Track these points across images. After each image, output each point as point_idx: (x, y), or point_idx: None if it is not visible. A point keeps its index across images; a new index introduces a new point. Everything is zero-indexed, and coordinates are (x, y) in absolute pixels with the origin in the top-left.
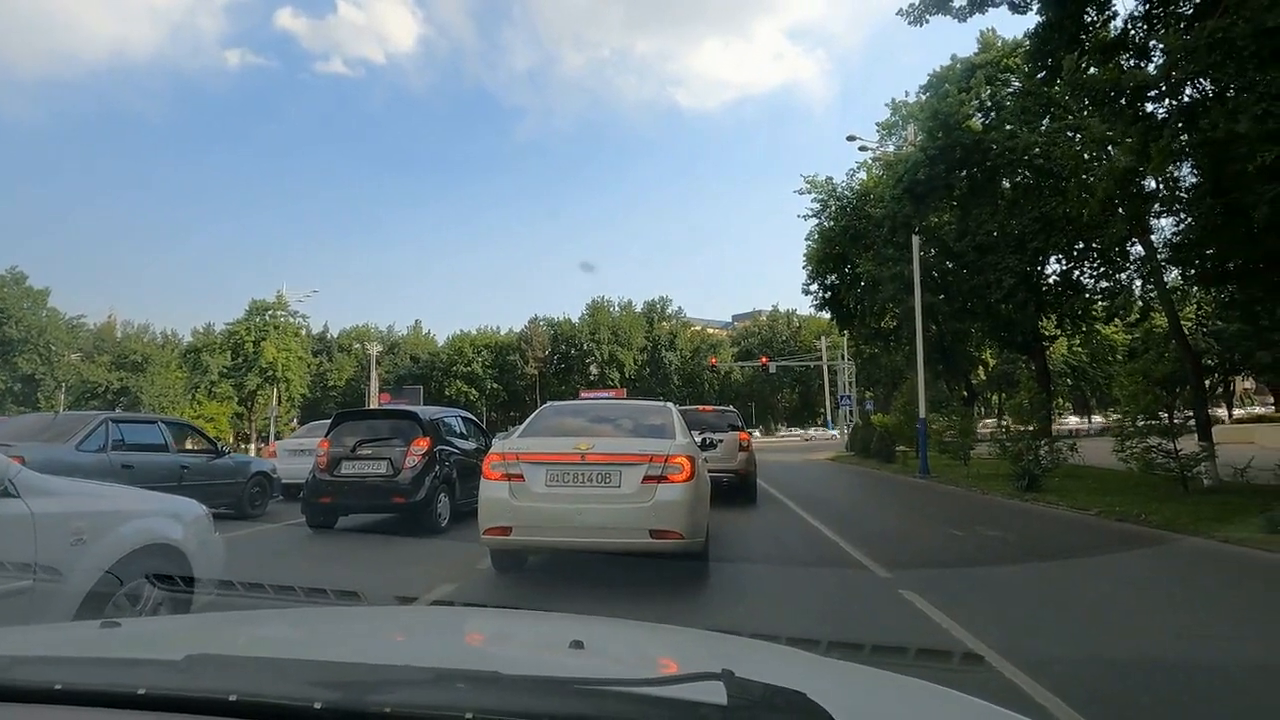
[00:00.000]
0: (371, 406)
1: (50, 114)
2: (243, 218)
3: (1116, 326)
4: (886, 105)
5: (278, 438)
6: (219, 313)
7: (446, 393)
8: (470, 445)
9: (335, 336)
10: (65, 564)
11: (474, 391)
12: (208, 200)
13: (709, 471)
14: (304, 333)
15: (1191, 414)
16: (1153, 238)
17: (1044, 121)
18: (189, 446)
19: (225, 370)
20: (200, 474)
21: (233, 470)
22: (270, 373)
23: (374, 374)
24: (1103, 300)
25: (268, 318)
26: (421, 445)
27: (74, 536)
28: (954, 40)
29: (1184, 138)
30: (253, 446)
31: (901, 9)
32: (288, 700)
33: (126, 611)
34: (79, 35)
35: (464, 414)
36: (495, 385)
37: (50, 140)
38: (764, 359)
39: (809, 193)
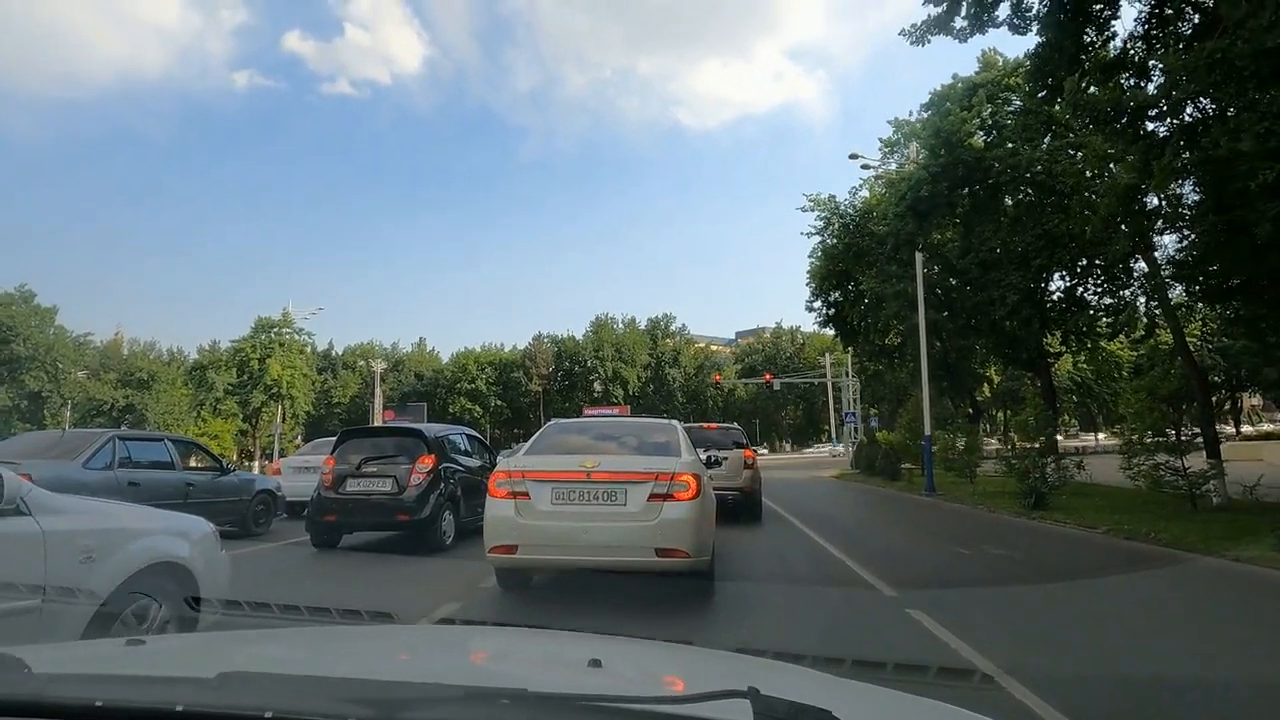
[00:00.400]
0: (376, 424)
1: (59, 134)
2: (249, 236)
3: (1121, 343)
4: (889, 123)
5: (282, 455)
6: (225, 330)
7: (450, 410)
8: (475, 463)
9: (340, 354)
10: (75, 582)
11: (478, 409)
12: (215, 219)
13: (714, 489)
14: (309, 350)
15: (1199, 431)
16: (1156, 254)
17: (1045, 139)
18: (194, 464)
19: (230, 387)
20: (205, 491)
21: (237, 488)
22: (275, 390)
23: (378, 391)
24: (1107, 317)
25: (273, 335)
26: (426, 463)
27: (83, 555)
28: (954, 59)
29: (1185, 155)
30: (256, 464)
31: (903, 29)
32: (321, 717)
33: (134, 630)
34: (87, 57)
35: (468, 431)
36: (499, 402)
37: (58, 159)
38: (768, 376)
39: (812, 210)
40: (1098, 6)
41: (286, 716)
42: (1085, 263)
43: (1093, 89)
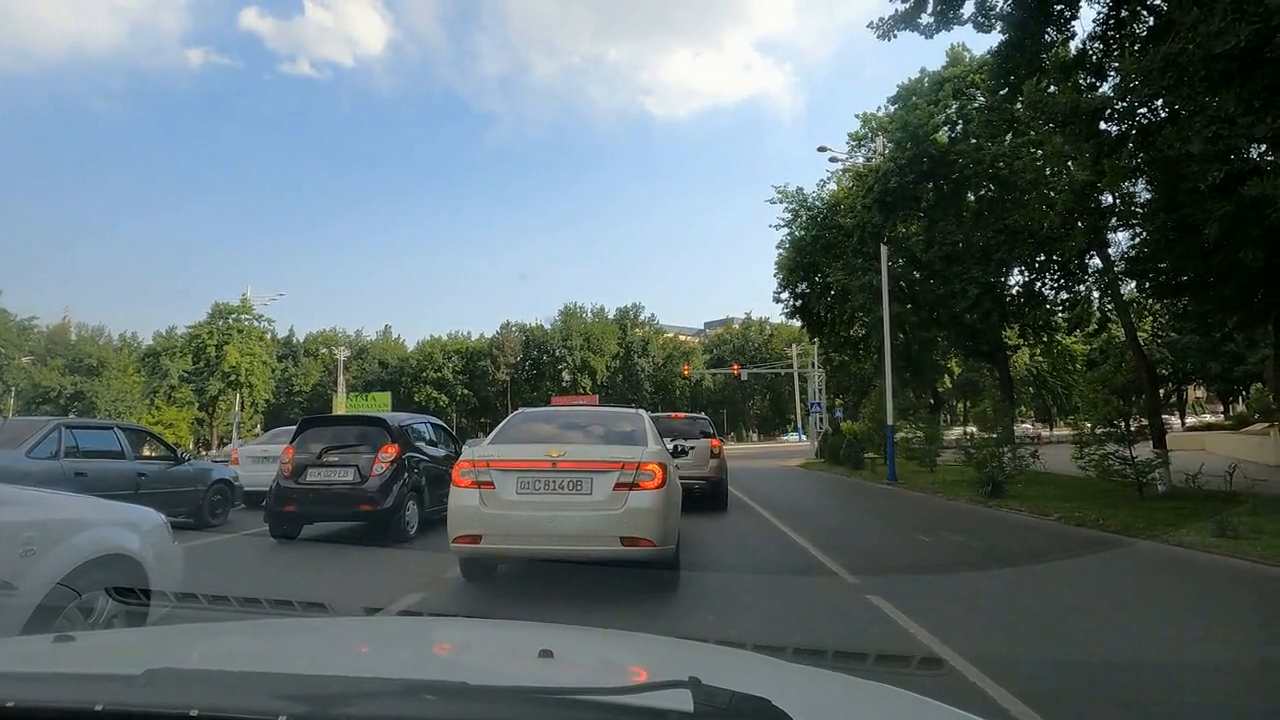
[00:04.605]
0: (338, 413)
1: (3, 110)
2: (207, 219)
3: (1076, 337)
4: (857, 117)
5: (237, 442)
6: (181, 316)
7: (416, 398)
8: (440, 452)
9: (301, 341)
10: (14, 575)
11: (444, 397)
12: (170, 201)
13: (680, 479)
14: (269, 337)
15: (1146, 422)
16: (1110, 251)
17: (1008, 136)
18: (147, 453)
19: (186, 375)
20: (158, 481)
21: (192, 478)
22: (233, 377)
23: (341, 379)
24: (1063, 311)
25: (231, 321)
26: (390, 452)
27: (24, 547)
28: (921, 57)
29: (1140, 156)
30: (213, 453)
31: (871, 22)
32: (251, 714)
33: (80, 625)
34: (34, 30)
35: (433, 420)
36: (466, 391)
37: (2, 137)
38: (735, 366)
39: (780, 202)
40: (1059, 6)
41: (213, 714)
42: (1043, 258)
43: (1052, 89)
